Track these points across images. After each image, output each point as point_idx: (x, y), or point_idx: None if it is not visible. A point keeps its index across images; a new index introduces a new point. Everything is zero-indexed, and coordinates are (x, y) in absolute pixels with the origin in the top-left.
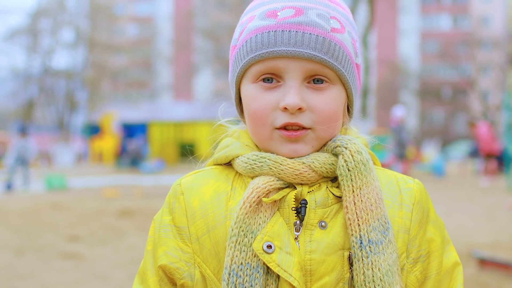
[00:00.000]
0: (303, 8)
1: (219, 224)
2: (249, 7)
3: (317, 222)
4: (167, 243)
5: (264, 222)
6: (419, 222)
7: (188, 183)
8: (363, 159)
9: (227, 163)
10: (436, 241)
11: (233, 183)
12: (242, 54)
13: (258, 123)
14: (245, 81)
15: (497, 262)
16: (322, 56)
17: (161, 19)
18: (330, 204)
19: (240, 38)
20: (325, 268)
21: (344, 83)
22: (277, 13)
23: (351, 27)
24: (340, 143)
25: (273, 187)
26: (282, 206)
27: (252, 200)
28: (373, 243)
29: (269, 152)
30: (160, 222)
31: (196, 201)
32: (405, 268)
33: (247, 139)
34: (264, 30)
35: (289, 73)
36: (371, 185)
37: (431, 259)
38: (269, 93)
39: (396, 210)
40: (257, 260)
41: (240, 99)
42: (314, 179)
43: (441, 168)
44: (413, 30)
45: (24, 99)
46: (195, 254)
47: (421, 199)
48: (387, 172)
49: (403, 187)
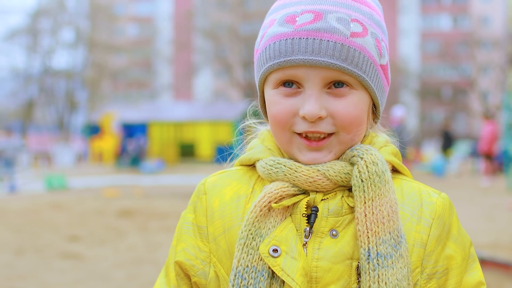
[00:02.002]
0: (322, 12)
1: (235, 226)
2: (272, 8)
3: (328, 230)
4: (187, 240)
5: (273, 226)
6: (437, 238)
7: (212, 183)
8: (378, 170)
9: (251, 165)
10: (456, 258)
11: (254, 185)
12: (262, 61)
13: (278, 128)
14: (267, 86)
15: (497, 262)
16: (340, 63)
17: (161, 19)
18: (344, 213)
19: (261, 43)
20: (331, 276)
21: (367, 88)
22: (296, 18)
23: (375, 27)
24: (357, 153)
25: (286, 193)
26: (294, 212)
27: (263, 205)
28: (381, 256)
29: (290, 156)
30: (184, 219)
31: (217, 202)
32: (418, 284)
33: (270, 142)
34: (282, 37)
35: (308, 81)
36: (385, 197)
37: (449, 276)
38: (290, 99)
39: (414, 223)
40: (262, 263)
41: (264, 101)
42: (329, 187)
43: (441, 168)
44: (413, 30)
45: (24, 99)
46: (212, 253)
47: (443, 214)
48: (413, 184)
49: (425, 201)
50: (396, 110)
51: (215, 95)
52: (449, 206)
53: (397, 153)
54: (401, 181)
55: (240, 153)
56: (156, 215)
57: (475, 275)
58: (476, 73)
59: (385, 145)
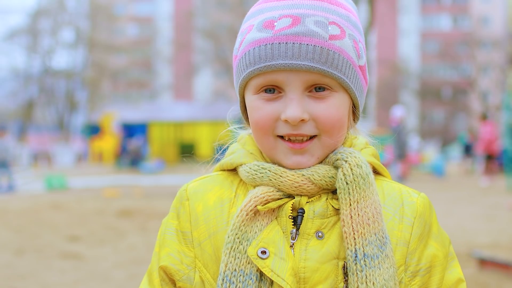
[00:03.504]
0: (300, 16)
1: (220, 230)
2: (249, 13)
3: (314, 232)
4: (171, 245)
5: (260, 230)
6: (419, 236)
7: (194, 188)
8: (362, 173)
9: (232, 169)
10: (438, 256)
11: (237, 190)
12: (242, 67)
13: (261, 133)
14: (248, 91)
15: (497, 262)
16: (320, 66)
17: (161, 19)
18: (329, 215)
19: (240, 49)
20: (319, 276)
21: (347, 89)
22: (274, 23)
23: (352, 28)
24: (341, 156)
25: (272, 198)
26: (280, 215)
27: (249, 209)
28: (368, 257)
29: (274, 161)
30: (166, 225)
31: (200, 207)
32: (403, 281)
33: (252, 146)
34: (261, 43)
35: (289, 86)
36: (369, 199)
37: (432, 273)
38: (271, 103)
39: (396, 223)
40: (250, 267)
41: (245, 106)
42: (313, 191)
43: (441, 168)
44: (413, 30)
45: (24, 99)
46: (197, 258)
47: (424, 213)
48: (393, 184)
49: (406, 200)
50: (395, 110)
51: (215, 95)
52: (429, 205)
53: (376, 154)
54: (382, 182)
55: (221, 158)
56: (156, 215)
57: (455, 273)
58: (476, 73)
59: (365, 146)
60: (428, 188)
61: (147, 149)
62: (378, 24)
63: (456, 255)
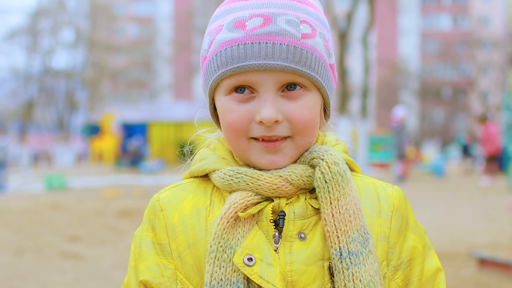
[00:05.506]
0: (271, 15)
1: (200, 240)
2: (216, 13)
3: (296, 233)
4: (149, 258)
5: (242, 236)
6: (398, 230)
7: (167, 198)
8: (340, 170)
9: (204, 176)
10: (417, 247)
11: (212, 197)
12: (212, 68)
13: (234, 135)
14: (218, 93)
15: (497, 262)
16: (294, 66)
17: (161, 19)
18: (309, 215)
19: (210, 50)
20: (306, 278)
21: (319, 88)
22: (245, 23)
23: (322, 27)
24: (317, 155)
25: (251, 202)
26: (261, 219)
27: (229, 216)
28: (353, 254)
29: (247, 162)
30: (141, 238)
31: (176, 217)
32: (386, 276)
33: (223, 151)
34: (233, 43)
35: (262, 86)
36: (349, 196)
37: (412, 266)
38: (244, 105)
39: (375, 218)
40: (236, 275)
41: (215, 108)
42: (292, 192)
43: (441, 168)
44: (413, 30)
45: (24, 99)
46: (178, 270)
47: (400, 206)
48: (366, 179)
49: (382, 195)
50: (397, 110)
51: None
52: (404, 198)
53: (347, 150)
54: (355, 177)
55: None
56: None
57: (432, 262)
58: (476, 73)
59: (336, 143)
60: (428, 188)
61: (147, 149)
62: (378, 24)
63: (456, 255)
